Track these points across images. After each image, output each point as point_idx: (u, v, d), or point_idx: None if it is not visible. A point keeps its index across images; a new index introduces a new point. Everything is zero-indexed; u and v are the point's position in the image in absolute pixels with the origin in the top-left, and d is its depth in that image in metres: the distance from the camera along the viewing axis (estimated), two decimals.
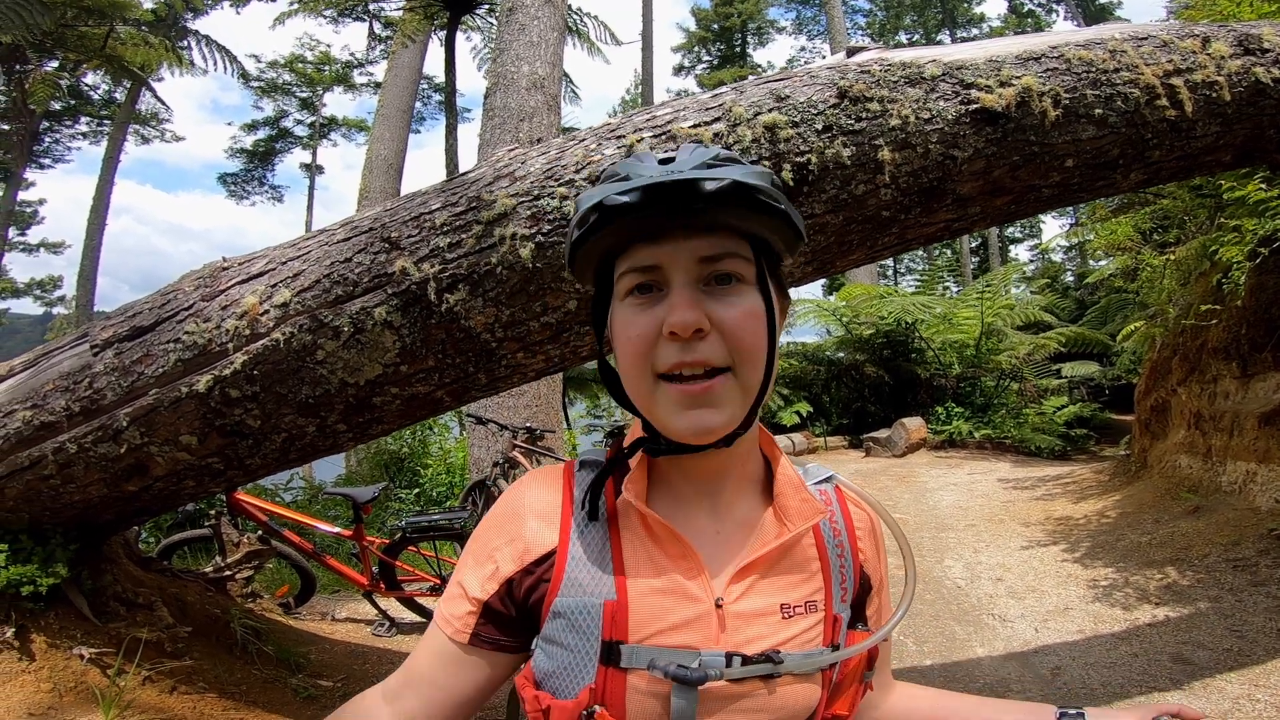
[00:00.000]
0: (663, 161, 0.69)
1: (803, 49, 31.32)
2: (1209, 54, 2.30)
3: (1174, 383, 6.15)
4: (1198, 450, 5.57)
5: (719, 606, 0.70)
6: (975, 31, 28.03)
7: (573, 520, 0.75)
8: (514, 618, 0.75)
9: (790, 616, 0.72)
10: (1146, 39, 2.29)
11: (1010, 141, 2.03)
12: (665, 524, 0.71)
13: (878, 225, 2.04)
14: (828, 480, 0.85)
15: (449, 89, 10.65)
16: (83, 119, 22.75)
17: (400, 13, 13.08)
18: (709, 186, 0.64)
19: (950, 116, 1.98)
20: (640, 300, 0.69)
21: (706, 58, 30.65)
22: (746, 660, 0.67)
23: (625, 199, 0.65)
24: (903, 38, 28.69)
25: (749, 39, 30.48)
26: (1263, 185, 3.82)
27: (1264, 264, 4.32)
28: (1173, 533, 4.83)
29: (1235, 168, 2.90)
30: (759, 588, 0.72)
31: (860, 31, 29.09)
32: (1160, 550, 4.61)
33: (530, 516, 0.76)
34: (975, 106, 2.00)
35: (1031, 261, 25.75)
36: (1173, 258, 5.81)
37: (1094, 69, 2.13)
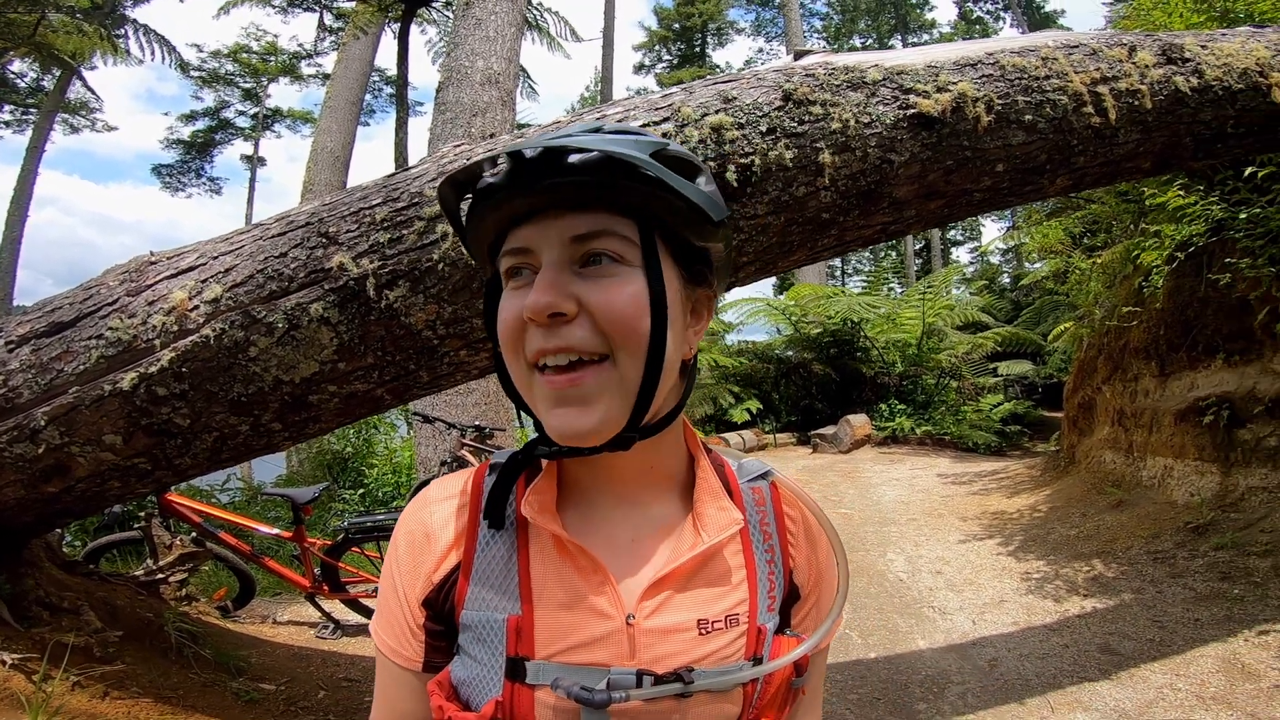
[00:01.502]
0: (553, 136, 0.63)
1: (760, 50, 31.73)
2: (1134, 63, 2.41)
3: (1099, 381, 6.45)
4: (1121, 446, 5.85)
5: (630, 623, 0.66)
6: (926, 37, 28.80)
7: (479, 532, 0.71)
8: (448, 630, 0.72)
9: (708, 633, 0.68)
10: (1077, 47, 2.38)
11: (945, 146, 2.10)
12: (572, 540, 0.67)
13: (818, 227, 2.08)
14: (763, 477, 0.78)
15: (400, 82, 10.40)
16: (6, 107, 21.45)
17: (353, 3, 12.73)
18: (574, 158, 0.58)
19: (889, 121, 2.04)
20: (515, 285, 0.64)
21: (667, 57, 30.72)
22: (658, 680, 0.64)
23: (491, 179, 0.62)
24: (856, 41, 29.30)
25: (709, 39, 30.68)
26: (1181, 192, 4.03)
27: (1180, 268, 4.56)
28: (1098, 526, 5.07)
29: (1154, 174, 3.06)
30: (674, 602, 0.68)
31: (816, 35, 29.64)
32: (1087, 543, 4.84)
33: (433, 534, 0.72)
34: (913, 111, 2.05)
35: (971, 263, 26.67)
36: (1099, 261, 6.08)
37: (1026, 76, 2.21)
